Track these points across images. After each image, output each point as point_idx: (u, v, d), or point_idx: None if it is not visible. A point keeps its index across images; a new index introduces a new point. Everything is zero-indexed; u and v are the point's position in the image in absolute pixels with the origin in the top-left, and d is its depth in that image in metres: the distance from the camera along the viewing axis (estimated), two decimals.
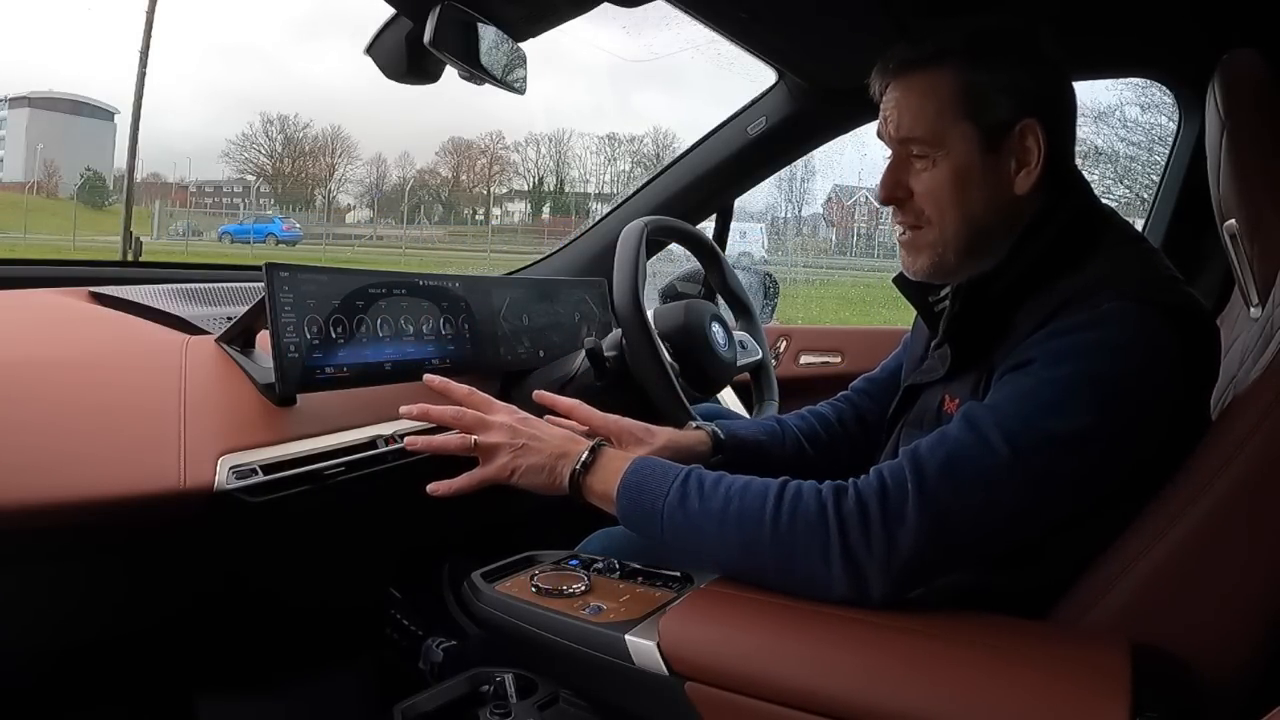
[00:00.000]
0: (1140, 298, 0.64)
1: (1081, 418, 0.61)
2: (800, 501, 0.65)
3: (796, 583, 0.64)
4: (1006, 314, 0.71)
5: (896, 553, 0.61)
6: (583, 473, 0.74)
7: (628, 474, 0.72)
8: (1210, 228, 0.92)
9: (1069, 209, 0.72)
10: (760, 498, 0.66)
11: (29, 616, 0.76)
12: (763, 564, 0.65)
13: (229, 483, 0.77)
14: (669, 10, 1.12)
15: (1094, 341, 0.63)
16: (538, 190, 28.90)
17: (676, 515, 0.68)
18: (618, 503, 0.71)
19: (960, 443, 0.63)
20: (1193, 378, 0.66)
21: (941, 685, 0.55)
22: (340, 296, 0.90)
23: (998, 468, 0.61)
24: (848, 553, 0.62)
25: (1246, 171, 0.77)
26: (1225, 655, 0.60)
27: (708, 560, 0.69)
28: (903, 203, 0.76)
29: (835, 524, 0.62)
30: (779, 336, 1.75)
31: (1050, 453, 0.61)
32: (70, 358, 0.82)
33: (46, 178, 24.09)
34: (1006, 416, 0.63)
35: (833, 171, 15.14)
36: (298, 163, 28.36)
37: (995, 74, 0.71)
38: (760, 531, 0.65)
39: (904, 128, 0.74)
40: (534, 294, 1.18)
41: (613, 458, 0.75)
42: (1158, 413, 0.64)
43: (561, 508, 0.78)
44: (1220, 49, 0.83)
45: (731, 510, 0.66)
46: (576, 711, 0.78)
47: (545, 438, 0.77)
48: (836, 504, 0.63)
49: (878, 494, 0.63)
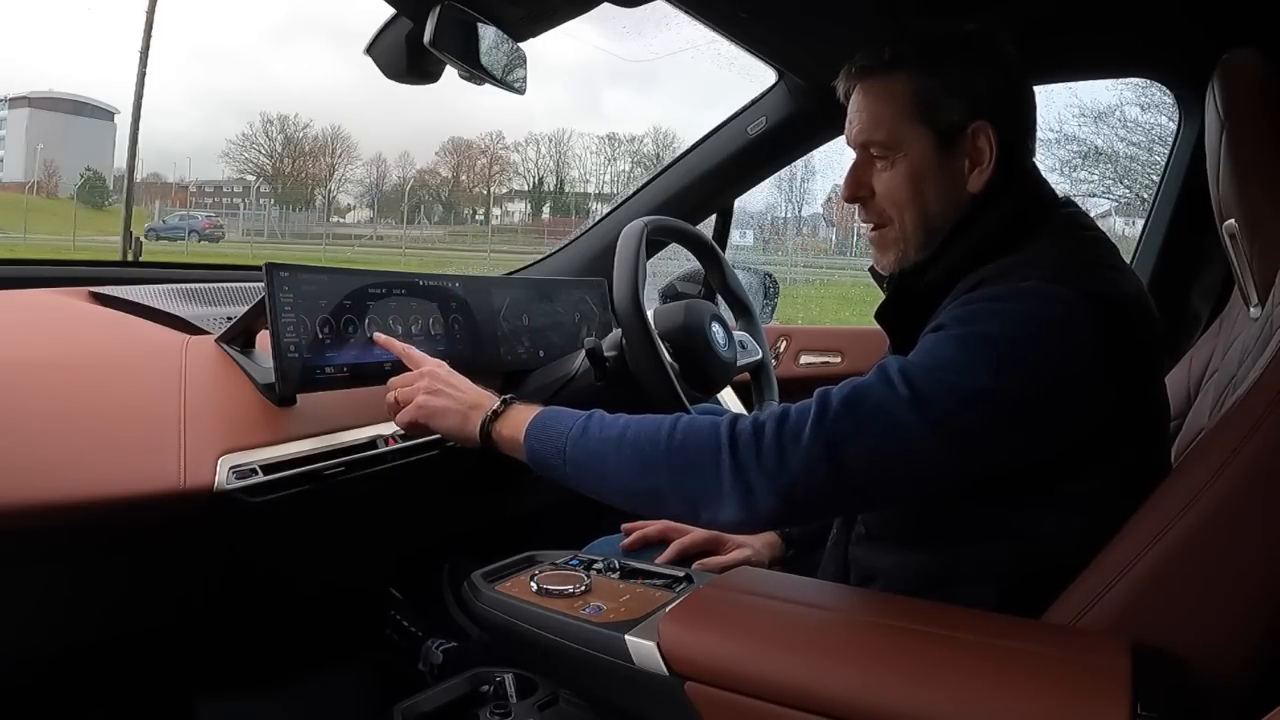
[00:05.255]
0: (1055, 279, 0.66)
1: (978, 375, 0.63)
2: (694, 423, 0.69)
3: (690, 496, 0.68)
4: (935, 301, 0.74)
5: (786, 468, 0.64)
6: (492, 420, 0.79)
7: (535, 418, 0.77)
8: (1210, 228, 0.92)
9: (1008, 203, 0.75)
10: (656, 422, 0.71)
11: (29, 617, 0.76)
12: (658, 481, 0.69)
13: (229, 483, 0.77)
14: (669, 10, 1.12)
15: (998, 309, 0.66)
16: (537, 190, 28.92)
17: (579, 446, 0.73)
18: (525, 444, 0.76)
19: (865, 383, 0.66)
20: (1115, 363, 0.66)
21: (941, 685, 0.55)
22: (340, 296, 0.90)
23: (897, 404, 0.64)
24: (737, 467, 0.65)
25: (1246, 171, 0.77)
26: (1225, 655, 0.60)
27: (608, 488, 0.72)
28: (865, 201, 0.79)
29: (726, 439, 0.66)
30: (779, 336, 1.75)
31: (950, 401, 0.63)
32: (70, 358, 0.82)
33: (46, 178, 24.11)
34: (910, 365, 0.66)
35: (833, 171, 15.09)
36: (298, 163, 28.37)
37: (947, 78, 0.75)
38: (655, 450, 0.69)
39: (864, 131, 0.78)
40: (534, 294, 1.18)
41: (521, 409, 0.79)
42: (1066, 388, 0.64)
43: (562, 508, 0.78)
44: (1220, 49, 0.83)
45: (629, 434, 0.71)
46: (576, 711, 0.78)
47: (463, 389, 0.83)
48: (730, 424, 0.68)
49: (776, 418, 0.66)
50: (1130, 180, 4.35)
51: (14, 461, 0.68)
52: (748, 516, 0.65)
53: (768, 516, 0.66)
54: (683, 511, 0.70)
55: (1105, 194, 5.90)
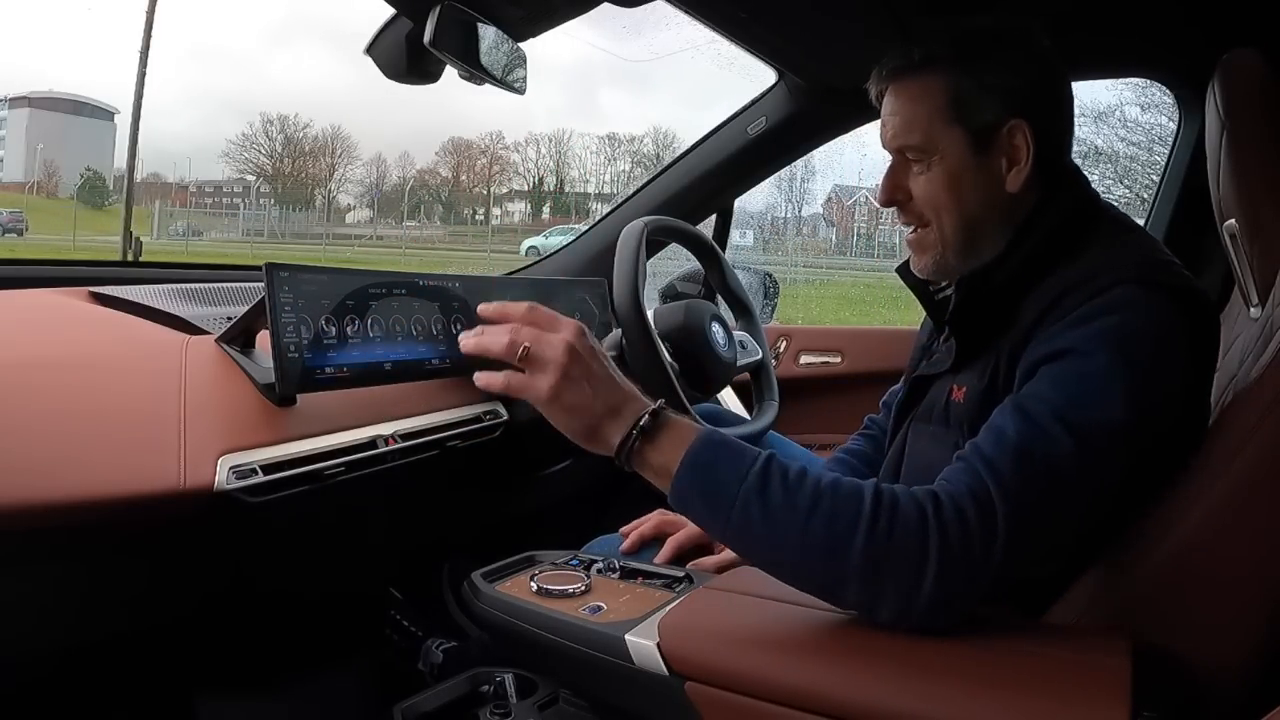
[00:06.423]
0: (1140, 280, 0.65)
1: (1128, 407, 0.61)
2: (898, 507, 0.58)
3: (880, 593, 0.58)
4: (1009, 304, 0.72)
5: (991, 562, 0.57)
6: (640, 438, 0.62)
7: (698, 448, 0.62)
8: (1210, 228, 0.92)
9: (1066, 201, 0.74)
10: (855, 499, 0.59)
11: (29, 617, 0.76)
12: (846, 570, 0.58)
13: (229, 483, 0.77)
14: (669, 10, 1.12)
15: (1118, 326, 0.63)
16: (537, 190, 28.91)
17: (752, 506, 0.59)
18: (676, 479, 0.62)
19: (1024, 437, 0.61)
20: (1199, 358, 0.67)
21: (941, 685, 0.55)
22: (340, 296, 0.90)
23: (1065, 458, 0.60)
24: (945, 567, 0.56)
25: (1246, 172, 0.77)
26: (1225, 655, 0.60)
27: (776, 560, 0.61)
28: (903, 205, 0.78)
29: (937, 533, 0.57)
30: (779, 336, 1.75)
31: (1109, 441, 0.61)
32: (70, 358, 0.82)
33: (46, 178, 24.11)
34: (1060, 408, 0.61)
35: (833, 171, 15.16)
36: (298, 163, 28.37)
37: (982, 77, 0.73)
38: (854, 536, 0.57)
39: (899, 135, 0.76)
40: (534, 294, 1.18)
41: (677, 426, 0.63)
42: (1175, 397, 0.64)
43: (562, 508, 0.78)
44: (1220, 49, 0.83)
45: (822, 507, 0.59)
46: (576, 711, 0.78)
47: (604, 380, 0.64)
48: (936, 511, 0.58)
49: (972, 500, 0.58)
50: (1130, 180, 4.36)
51: (14, 462, 0.68)
52: (942, 619, 0.58)
53: (946, 625, 0.58)
54: (861, 605, 0.60)
55: (1105, 194, 5.89)
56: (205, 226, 23.22)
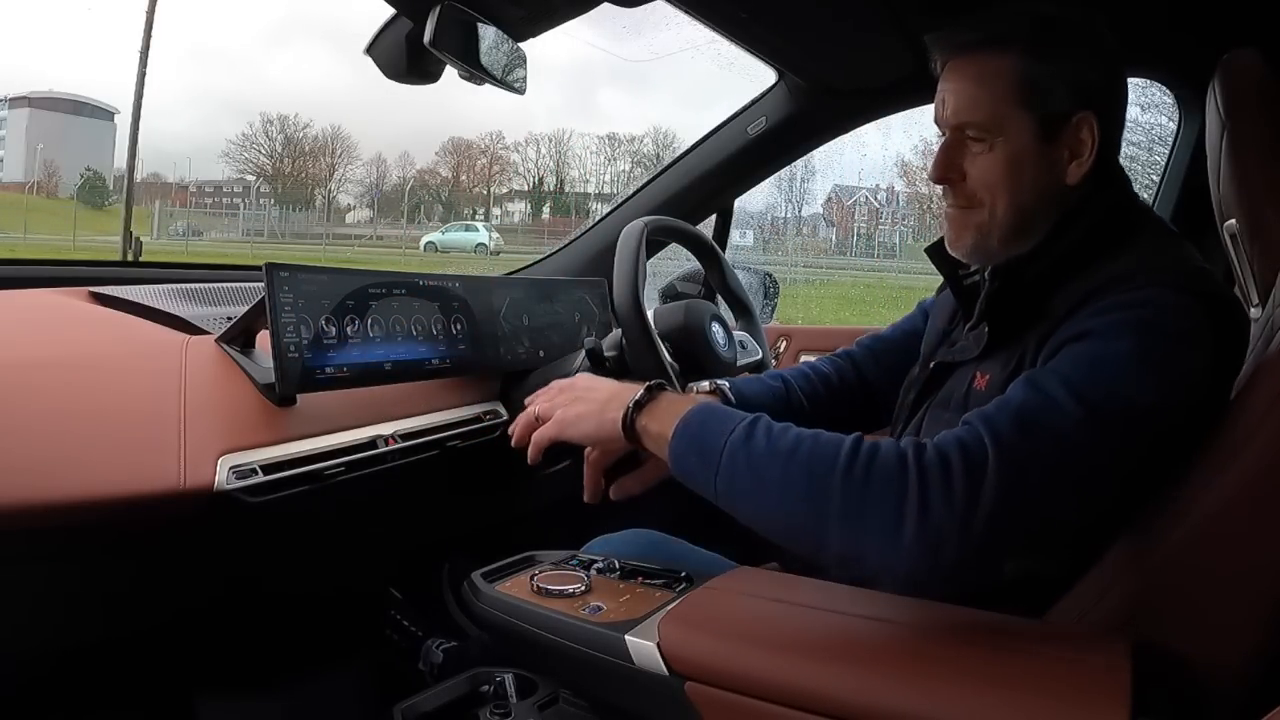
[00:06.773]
0: (1175, 285, 0.65)
1: (1142, 390, 0.61)
2: (878, 450, 0.60)
3: (862, 537, 0.59)
4: (1043, 296, 0.72)
5: (978, 509, 0.57)
6: (635, 411, 0.70)
7: (690, 412, 0.67)
8: (1210, 228, 0.92)
9: (1109, 199, 0.74)
10: (835, 444, 0.61)
11: (29, 617, 0.76)
12: (827, 513, 0.59)
13: (229, 483, 0.77)
14: (669, 10, 1.12)
15: (1149, 320, 0.63)
16: (538, 190, 28.90)
17: (738, 454, 0.63)
18: (673, 442, 0.66)
19: (1028, 402, 0.61)
20: (1222, 365, 0.66)
21: (941, 685, 0.55)
22: (340, 296, 0.90)
23: (1071, 424, 0.59)
24: (926, 508, 0.57)
25: (1247, 172, 0.77)
26: (1225, 655, 0.60)
27: (762, 509, 0.63)
28: (954, 184, 0.76)
29: (915, 473, 0.58)
30: (779, 336, 1.75)
31: (1119, 418, 0.60)
32: (70, 358, 0.82)
33: (46, 178, 24.09)
34: (1072, 379, 0.61)
35: (833, 171, 15.18)
36: (298, 162, 28.32)
37: (1057, 64, 0.72)
38: (831, 477, 0.59)
39: (962, 112, 0.74)
40: (534, 294, 1.18)
41: (673, 399, 0.71)
42: (1191, 396, 0.64)
43: (562, 508, 0.78)
44: (1220, 49, 0.83)
45: (802, 451, 0.61)
46: (576, 711, 0.78)
47: (598, 388, 0.76)
48: (917, 454, 0.59)
49: (958, 447, 0.59)
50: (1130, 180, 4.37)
51: (14, 461, 0.68)
52: (928, 566, 0.57)
53: (949, 566, 0.57)
54: (846, 551, 0.60)
55: None
56: (205, 226, 23.20)
